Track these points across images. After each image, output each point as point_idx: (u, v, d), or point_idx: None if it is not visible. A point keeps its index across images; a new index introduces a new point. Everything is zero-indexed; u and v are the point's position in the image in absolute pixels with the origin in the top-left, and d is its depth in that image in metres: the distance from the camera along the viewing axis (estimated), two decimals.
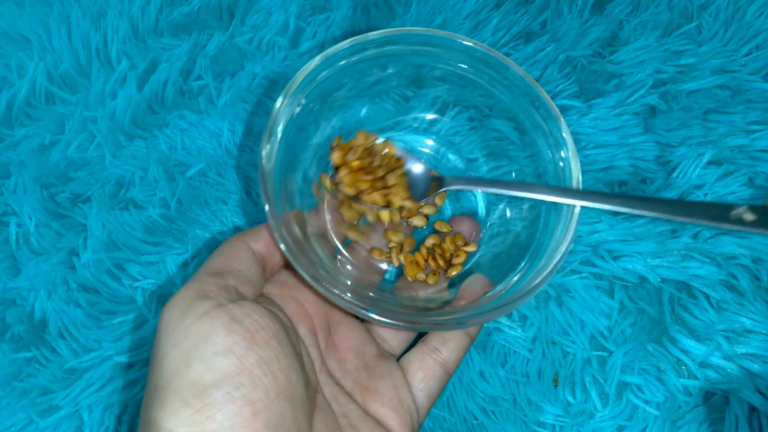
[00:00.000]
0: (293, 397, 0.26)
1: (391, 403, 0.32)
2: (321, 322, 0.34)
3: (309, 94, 0.36)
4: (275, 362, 0.26)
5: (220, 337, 0.25)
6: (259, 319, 0.27)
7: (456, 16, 0.52)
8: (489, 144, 0.41)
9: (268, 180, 0.32)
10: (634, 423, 0.40)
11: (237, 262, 0.30)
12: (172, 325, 0.26)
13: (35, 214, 0.44)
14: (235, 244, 0.31)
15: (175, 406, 0.24)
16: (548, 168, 0.36)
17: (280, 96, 0.34)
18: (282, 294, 0.33)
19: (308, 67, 0.35)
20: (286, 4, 0.52)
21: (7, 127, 0.47)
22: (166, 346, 0.26)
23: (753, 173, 0.45)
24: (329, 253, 0.38)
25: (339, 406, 0.31)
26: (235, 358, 0.25)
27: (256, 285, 0.31)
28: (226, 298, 0.27)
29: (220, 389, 0.24)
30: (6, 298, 0.42)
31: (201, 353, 0.25)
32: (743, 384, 0.39)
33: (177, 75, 0.49)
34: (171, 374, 0.25)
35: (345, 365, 0.33)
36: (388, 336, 0.36)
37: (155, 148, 0.47)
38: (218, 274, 0.29)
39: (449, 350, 0.34)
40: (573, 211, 0.33)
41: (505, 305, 0.32)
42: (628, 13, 0.52)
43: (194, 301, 0.27)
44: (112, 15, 0.50)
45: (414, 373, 0.33)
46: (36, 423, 0.39)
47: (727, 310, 0.41)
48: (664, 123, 0.48)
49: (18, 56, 0.49)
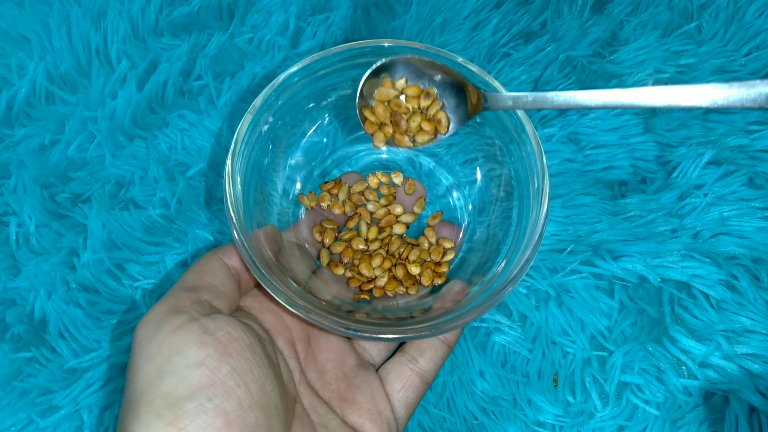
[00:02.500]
0: (267, 407, 0.26)
1: (369, 413, 0.32)
2: (300, 332, 0.34)
3: (277, 111, 0.36)
4: (249, 373, 0.26)
5: (192, 349, 0.26)
6: (231, 332, 0.27)
7: (456, 16, 0.52)
8: (483, 148, 0.41)
9: (234, 199, 0.32)
10: (634, 423, 0.39)
11: (211, 278, 0.31)
12: (146, 340, 0.27)
13: (35, 214, 0.44)
14: (209, 259, 0.32)
15: (148, 418, 0.24)
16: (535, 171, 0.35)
17: (247, 113, 0.34)
18: (260, 307, 0.33)
19: (273, 84, 0.35)
20: (286, 4, 0.52)
21: (7, 127, 0.47)
22: (140, 361, 0.26)
23: (753, 173, 0.45)
24: (308, 266, 0.38)
25: (318, 416, 0.31)
26: (207, 370, 0.25)
27: (231, 299, 0.31)
28: (199, 312, 0.28)
29: (193, 401, 0.24)
30: (6, 298, 0.42)
31: (173, 366, 0.25)
32: (743, 384, 0.39)
33: (177, 75, 0.49)
34: (144, 388, 0.25)
35: (324, 376, 0.34)
36: (368, 346, 0.36)
37: (155, 148, 0.47)
38: (192, 289, 0.29)
39: (426, 360, 0.34)
40: (542, 210, 0.33)
41: (480, 306, 0.32)
42: (628, 13, 0.52)
43: (167, 316, 0.27)
44: (112, 15, 0.50)
45: (392, 383, 0.34)
46: (36, 423, 0.39)
47: (727, 310, 0.41)
48: (664, 123, 0.48)
49: (18, 56, 0.49)
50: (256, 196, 0.36)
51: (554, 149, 0.47)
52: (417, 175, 0.44)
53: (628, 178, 0.46)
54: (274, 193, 0.39)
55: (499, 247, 0.37)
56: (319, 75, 0.37)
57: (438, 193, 0.44)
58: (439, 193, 0.44)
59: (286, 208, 0.40)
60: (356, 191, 0.41)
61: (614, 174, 0.46)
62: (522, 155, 0.36)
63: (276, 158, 0.39)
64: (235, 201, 0.32)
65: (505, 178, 0.39)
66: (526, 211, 0.35)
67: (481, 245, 0.39)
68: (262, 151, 0.36)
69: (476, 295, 0.33)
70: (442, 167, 0.43)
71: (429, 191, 0.43)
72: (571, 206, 0.45)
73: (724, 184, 0.44)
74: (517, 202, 0.37)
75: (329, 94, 0.39)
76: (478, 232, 0.40)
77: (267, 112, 0.35)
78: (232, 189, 0.32)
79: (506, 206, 0.38)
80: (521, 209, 0.36)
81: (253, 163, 0.35)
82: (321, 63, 0.36)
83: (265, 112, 0.35)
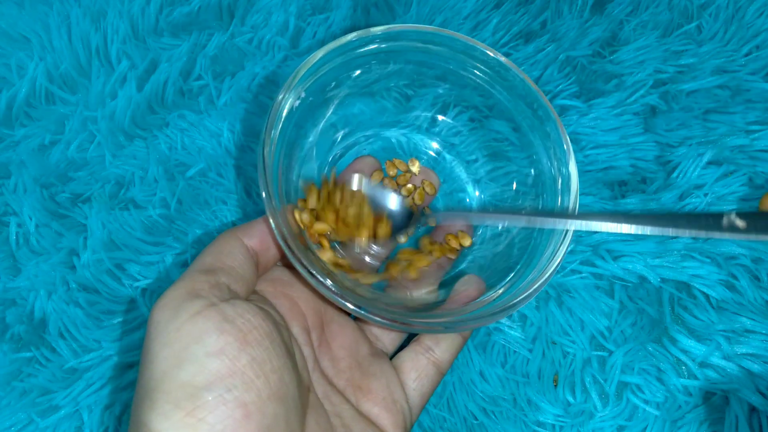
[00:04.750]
0: (286, 398, 0.26)
1: (384, 402, 0.32)
2: (314, 319, 0.33)
3: (308, 88, 0.36)
4: (268, 363, 0.26)
5: (212, 338, 0.25)
6: (251, 319, 0.27)
7: (456, 16, 0.52)
8: (489, 145, 0.41)
9: (267, 171, 0.31)
10: (634, 423, 0.39)
11: (229, 259, 0.30)
12: (162, 325, 0.26)
13: (35, 214, 0.44)
14: (228, 239, 0.31)
15: (166, 408, 0.24)
16: (545, 170, 0.36)
17: (282, 88, 0.33)
18: (275, 292, 0.32)
19: (311, 60, 0.34)
20: (286, 4, 0.52)
21: (7, 127, 0.47)
22: (157, 347, 0.25)
23: (753, 173, 0.45)
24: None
25: (331, 405, 0.31)
26: (227, 359, 0.25)
27: (249, 282, 0.30)
28: (217, 296, 0.27)
29: (212, 391, 0.24)
30: (6, 298, 0.42)
31: (192, 354, 0.25)
32: (743, 384, 0.39)
33: (177, 75, 0.49)
34: (162, 376, 0.24)
35: (338, 364, 0.33)
36: (381, 334, 0.36)
37: (155, 148, 0.47)
38: (210, 272, 0.28)
39: (442, 350, 0.34)
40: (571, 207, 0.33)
41: (498, 312, 0.31)
42: (628, 13, 0.52)
43: (185, 300, 0.26)
44: (112, 15, 0.50)
45: (407, 372, 0.33)
46: (36, 423, 0.39)
47: (727, 310, 0.41)
48: (664, 123, 0.48)
49: (18, 56, 0.49)
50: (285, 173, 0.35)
51: None
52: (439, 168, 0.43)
53: (628, 178, 0.46)
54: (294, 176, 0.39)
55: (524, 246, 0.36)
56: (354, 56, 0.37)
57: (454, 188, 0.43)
58: (457, 188, 0.43)
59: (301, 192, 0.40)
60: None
61: (614, 174, 0.46)
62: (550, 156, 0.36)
63: (303, 140, 0.38)
64: (271, 174, 0.31)
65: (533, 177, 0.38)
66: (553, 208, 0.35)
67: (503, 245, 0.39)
68: (291, 129, 0.36)
69: (491, 298, 0.33)
70: (459, 162, 0.43)
71: (445, 185, 0.43)
72: None
73: (724, 184, 0.44)
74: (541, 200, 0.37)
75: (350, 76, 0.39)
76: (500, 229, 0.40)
77: (300, 87, 0.35)
78: (269, 161, 0.31)
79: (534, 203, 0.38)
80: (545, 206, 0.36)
81: (281, 139, 0.34)
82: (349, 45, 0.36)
83: (299, 87, 0.35)
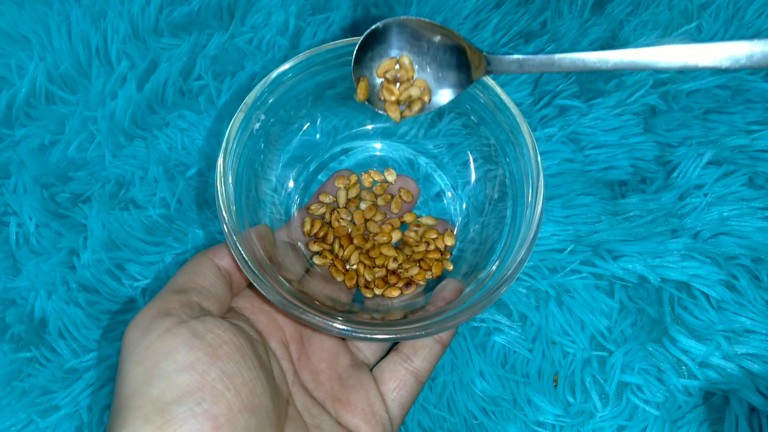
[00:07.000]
0: (258, 410, 0.26)
1: (363, 414, 0.32)
2: (293, 333, 0.34)
3: (272, 107, 0.36)
4: (239, 376, 0.26)
5: (181, 353, 0.25)
6: (221, 334, 0.27)
7: (456, 16, 0.52)
8: (479, 148, 0.41)
9: (225, 200, 0.32)
10: (634, 423, 0.39)
11: (201, 279, 0.30)
12: (134, 344, 0.26)
13: (35, 214, 0.44)
14: (200, 260, 0.31)
15: (137, 423, 0.24)
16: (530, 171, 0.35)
17: (236, 113, 0.34)
18: (252, 307, 0.33)
19: (264, 82, 0.35)
20: (286, 4, 0.52)
21: (7, 127, 0.47)
22: (128, 366, 0.26)
23: (753, 173, 0.45)
24: (301, 265, 0.38)
25: (311, 417, 0.31)
26: (196, 373, 0.25)
27: (222, 301, 0.31)
28: (188, 314, 0.27)
29: (182, 405, 0.24)
30: (6, 298, 0.42)
31: (162, 370, 0.25)
32: (743, 384, 0.39)
33: (177, 75, 0.49)
34: (132, 392, 0.25)
35: (318, 376, 0.33)
36: (363, 346, 0.36)
37: (155, 148, 0.47)
38: (181, 291, 0.29)
39: (420, 359, 0.34)
40: (536, 210, 0.33)
41: (474, 306, 0.31)
42: (628, 13, 0.52)
43: (156, 319, 0.27)
44: (112, 15, 0.50)
45: (386, 383, 0.34)
46: (36, 423, 0.39)
47: (727, 310, 0.41)
48: (664, 123, 0.48)
49: (18, 56, 0.49)
50: (249, 195, 0.36)
51: (554, 149, 0.47)
52: (414, 175, 0.44)
53: (628, 178, 0.46)
54: (267, 192, 0.39)
55: (494, 247, 0.36)
56: (313, 71, 0.36)
57: (433, 192, 0.44)
58: (434, 192, 0.44)
59: (278, 206, 0.40)
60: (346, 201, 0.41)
61: (614, 174, 0.46)
62: (517, 155, 0.36)
63: (269, 156, 0.39)
64: (227, 200, 0.32)
65: (500, 178, 0.38)
66: (520, 211, 0.35)
67: (476, 245, 0.39)
68: (254, 149, 0.36)
69: (470, 295, 0.33)
70: (438, 167, 0.43)
71: (423, 191, 0.43)
72: (571, 206, 0.45)
73: (724, 184, 0.44)
74: (511, 202, 0.37)
75: (323, 90, 0.39)
76: (472, 231, 0.40)
77: (259, 109, 0.35)
78: (224, 188, 0.32)
79: (501, 206, 0.38)
80: (515, 209, 0.36)
81: (245, 161, 0.35)
82: (314, 60, 0.36)
83: (257, 110, 0.35)
